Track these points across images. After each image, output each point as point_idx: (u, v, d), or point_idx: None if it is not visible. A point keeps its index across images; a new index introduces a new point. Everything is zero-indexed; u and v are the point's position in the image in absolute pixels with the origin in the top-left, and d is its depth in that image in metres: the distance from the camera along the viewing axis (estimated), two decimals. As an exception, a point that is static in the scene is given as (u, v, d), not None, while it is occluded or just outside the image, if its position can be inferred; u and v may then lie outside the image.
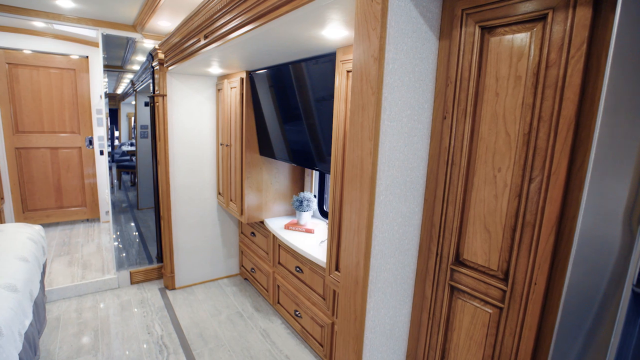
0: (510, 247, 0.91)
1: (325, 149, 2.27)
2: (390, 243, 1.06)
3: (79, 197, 4.71)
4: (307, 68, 2.16)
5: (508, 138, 0.89)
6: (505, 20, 0.87)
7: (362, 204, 0.99)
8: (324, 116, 2.16)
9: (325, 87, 2.08)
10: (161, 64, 3.04)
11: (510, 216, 0.90)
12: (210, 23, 2.00)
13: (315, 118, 2.25)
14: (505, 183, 0.90)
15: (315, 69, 2.10)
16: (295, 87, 2.32)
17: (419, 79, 1.01)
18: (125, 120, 6.67)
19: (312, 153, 2.40)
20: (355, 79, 0.97)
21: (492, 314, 0.96)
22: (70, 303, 3.10)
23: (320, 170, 2.42)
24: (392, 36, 0.92)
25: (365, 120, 0.95)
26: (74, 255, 3.92)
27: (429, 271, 1.11)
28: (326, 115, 2.13)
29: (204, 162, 3.39)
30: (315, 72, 2.11)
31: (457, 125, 0.99)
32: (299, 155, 2.55)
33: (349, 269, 1.06)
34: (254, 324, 2.94)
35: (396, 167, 1.02)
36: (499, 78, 0.89)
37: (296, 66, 2.23)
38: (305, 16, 1.35)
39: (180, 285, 3.46)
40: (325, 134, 2.20)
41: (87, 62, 4.46)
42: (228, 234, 3.66)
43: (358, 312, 1.04)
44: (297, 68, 2.22)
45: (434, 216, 1.08)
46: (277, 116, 2.62)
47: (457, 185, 1.00)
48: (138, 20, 3.00)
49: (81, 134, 4.56)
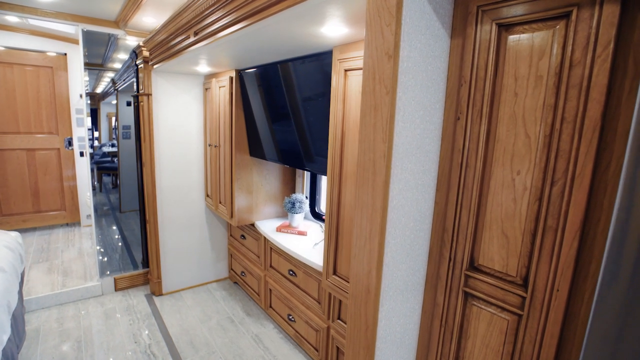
0: (530, 252, 0.88)
1: (314, 149, 2.25)
2: (402, 249, 1.02)
3: (58, 200, 4.51)
4: (302, 66, 2.11)
5: (528, 140, 0.86)
6: (524, 18, 0.84)
7: (374, 209, 0.94)
8: (316, 116, 2.13)
9: (318, 86, 2.05)
10: (146, 62, 2.92)
11: (530, 220, 0.87)
12: (201, 20, 1.92)
13: (309, 117, 2.21)
14: (524, 186, 0.87)
15: (310, 67, 2.05)
16: (287, 86, 2.27)
17: (431, 78, 0.98)
18: (106, 121, 6.45)
19: (301, 153, 2.36)
20: (367, 77, 0.93)
21: (510, 321, 0.93)
22: (50, 313, 2.95)
23: (309, 170, 2.39)
24: (406, 33, 0.88)
25: (379, 121, 0.91)
26: (54, 262, 3.74)
27: (440, 277, 1.07)
28: (318, 114, 2.10)
29: (192, 164, 3.29)
30: (309, 70, 2.06)
31: (472, 126, 0.95)
32: (289, 156, 2.51)
33: (359, 277, 1.02)
34: (246, 329, 2.87)
35: (409, 170, 0.97)
36: (517, 78, 0.86)
37: (290, 65, 2.18)
38: (304, 12, 1.29)
39: (168, 291, 3.35)
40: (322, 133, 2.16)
41: (65, 59, 4.27)
42: (216, 237, 3.56)
43: (370, 322, 1.00)
44: (291, 67, 2.17)
45: (447, 220, 1.04)
46: (267, 116, 2.56)
47: (471, 189, 0.97)
48: (121, 16, 2.87)
49: (59, 135, 4.37)
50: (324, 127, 2.08)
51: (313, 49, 1.90)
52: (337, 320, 2.22)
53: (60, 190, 4.49)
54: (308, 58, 2.04)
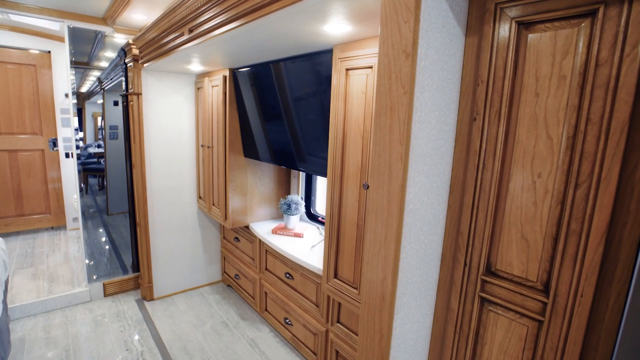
0: (551, 257, 0.86)
1: (307, 149, 2.25)
2: (417, 254, 0.99)
3: (42, 203, 4.36)
4: (293, 65, 2.08)
5: (550, 141, 0.83)
6: (546, 15, 0.81)
7: (390, 214, 0.91)
8: (309, 115, 2.11)
9: (310, 86, 2.04)
10: (135, 61, 2.83)
11: (551, 224, 0.85)
12: (196, 17, 1.86)
13: (302, 117, 2.18)
14: (546, 189, 0.85)
15: (302, 66, 2.03)
16: (280, 85, 2.24)
17: (447, 77, 0.94)
18: (91, 121, 6.27)
19: (294, 153, 2.37)
20: (382, 76, 0.89)
21: (529, 327, 0.91)
22: (36, 321, 2.84)
23: (303, 170, 2.37)
24: (424, 30, 0.84)
25: (395, 122, 0.87)
26: (39, 267, 3.61)
27: (455, 282, 1.04)
28: (311, 114, 2.09)
29: (183, 165, 3.21)
30: (302, 70, 2.03)
31: (490, 127, 0.92)
32: (283, 156, 2.49)
33: (373, 284, 0.98)
34: (241, 334, 2.81)
35: (424, 172, 0.94)
36: (539, 77, 0.84)
37: (282, 65, 2.14)
38: (307, 9, 1.25)
39: (159, 296, 3.26)
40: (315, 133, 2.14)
41: (49, 57, 4.13)
42: (209, 240, 3.49)
43: (384, 331, 0.96)
44: (283, 66, 2.13)
45: (461, 224, 1.01)
46: (261, 116, 2.52)
47: (488, 192, 0.94)
48: (109, 13, 2.78)
49: (44, 136, 4.22)
50: (317, 127, 2.05)
51: (312, 48, 1.86)
52: (336, 323, 2.18)
53: (45, 193, 4.34)
54: (299, 58, 2.02)
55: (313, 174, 2.63)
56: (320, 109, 2.02)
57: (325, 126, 1.98)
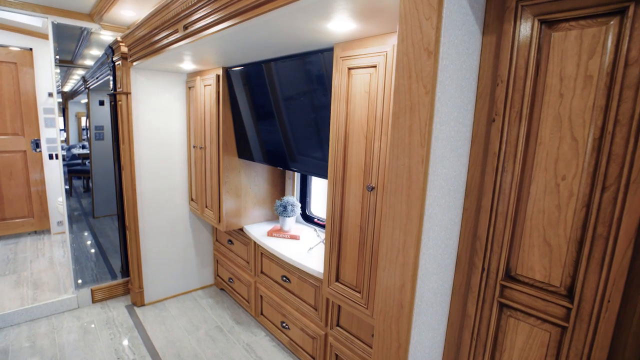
0: (575, 262, 0.84)
1: (297, 148, 2.24)
2: (434, 259, 0.96)
3: (25, 206, 4.19)
4: (284, 65, 2.04)
5: (575, 143, 0.81)
6: (572, 14, 0.79)
7: (409, 219, 0.87)
8: (301, 115, 2.10)
9: (300, 85, 2.03)
10: (124, 59, 2.74)
11: (576, 228, 0.83)
12: (191, 13, 1.79)
13: (294, 117, 2.16)
14: (570, 192, 0.83)
15: (292, 65, 2.01)
16: (276, 84, 2.20)
17: (465, 77, 0.92)
18: (74, 121, 6.08)
19: (286, 153, 2.36)
20: (401, 76, 0.85)
21: (552, 333, 0.89)
22: (20, 330, 2.72)
23: (296, 170, 2.36)
24: (446, 28, 0.81)
25: (415, 123, 0.83)
26: (22, 274, 3.47)
27: (471, 287, 1.02)
28: (303, 113, 2.08)
29: (174, 167, 3.12)
30: (295, 69, 2.00)
31: (510, 128, 0.90)
32: (275, 156, 2.47)
33: (390, 291, 0.94)
34: (236, 339, 2.75)
35: (443, 175, 0.91)
36: (563, 77, 0.81)
37: (284, 62, 2.09)
38: (312, 5, 1.21)
39: (150, 301, 3.17)
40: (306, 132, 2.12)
41: (31, 55, 3.97)
42: (201, 242, 3.41)
43: (402, 340, 0.93)
44: (286, 64, 2.08)
45: (479, 228, 0.98)
46: (253, 115, 2.47)
47: (508, 194, 0.92)
48: (97, 9, 2.67)
49: (26, 137, 4.06)
50: (308, 126, 2.06)
51: (312, 46, 1.82)
52: (336, 327, 2.14)
53: (27, 196, 4.18)
54: (296, 57, 1.99)
55: (307, 174, 2.60)
56: (316, 107, 1.99)
57: (317, 125, 1.96)
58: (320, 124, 1.99)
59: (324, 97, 1.90)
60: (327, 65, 1.81)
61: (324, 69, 1.85)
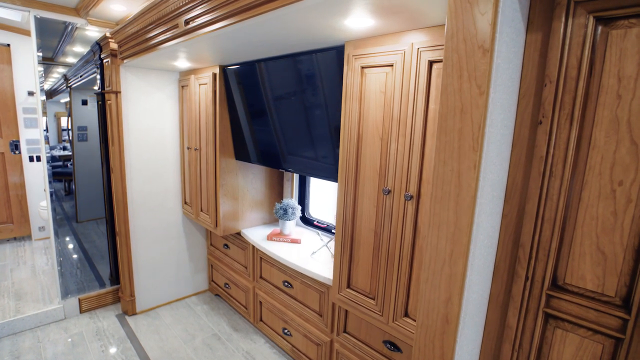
0: (632, 271, 0.80)
1: (287, 148, 2.21)
2: (479, 270, 0.91)
3: (3, 211, 3.96)
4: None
5: (634, 147, 0.77)
6: (631, 10, 0.74)
7: (458, 227, 0.82)
8: (296, 114, 2.07)
9: (292, 84, 2.00)
10: (113, 56, 2.60)
11: (634, 235, 0.79)
12: (192, 8, 1.69)
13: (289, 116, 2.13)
14: (628, 198, 0.78)
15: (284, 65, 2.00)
16: (276, 83, 2.15)
17: (511, 76, 0.86)
18: (54, 121, 5.82)
19: (279, 153, 2.32)
20: (449, 75, 0.79)
21: (605, 345, 0.85)
22: (2, 345, 2.55)
23: (291, 171, 2.33)
24: (501, 24, 0.75)
25: (467, 126, 0.78)
26: (2, 284, 3.27)
27: (513, 297, 0.97)
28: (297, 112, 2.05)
29: (167, 169, 2.99)
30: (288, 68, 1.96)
31: (560, 131, 0.85)
32: (270, 157, 2.42)
33: (433, 304, 0.88)
34: (235, 347, 2.65)
35: (489, 181, 0.86)
36: (622, 78, 0.77)
37: (265, 64, 2.05)
38: (329, 1, 1.14)
39: (143, 309, 3.03)
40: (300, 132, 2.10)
41: (8, 51, 3.74)
42: (195, 247, 3.28)
43: (447, 356, 0.87)
44: (264, 65, 2.05)
45: (523, 235, 0.94)
46: (248, 115, 2.39)
47: (557, 200, 0.87)
48: (83, 3, 2.52)
49: (3, 138, 3.83)
50: (303, 126, 2.05)
51: (321, 44, 1.74)
52: (342, 333, 2.08)
53: (6, 200, 3.94)
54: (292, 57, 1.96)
55: (304, 174, 2.53)
56: (304, 107, 1.95)
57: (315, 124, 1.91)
58: (312, 124, 1.95)
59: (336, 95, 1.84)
60: (320, 66, 1.79)
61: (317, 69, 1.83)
